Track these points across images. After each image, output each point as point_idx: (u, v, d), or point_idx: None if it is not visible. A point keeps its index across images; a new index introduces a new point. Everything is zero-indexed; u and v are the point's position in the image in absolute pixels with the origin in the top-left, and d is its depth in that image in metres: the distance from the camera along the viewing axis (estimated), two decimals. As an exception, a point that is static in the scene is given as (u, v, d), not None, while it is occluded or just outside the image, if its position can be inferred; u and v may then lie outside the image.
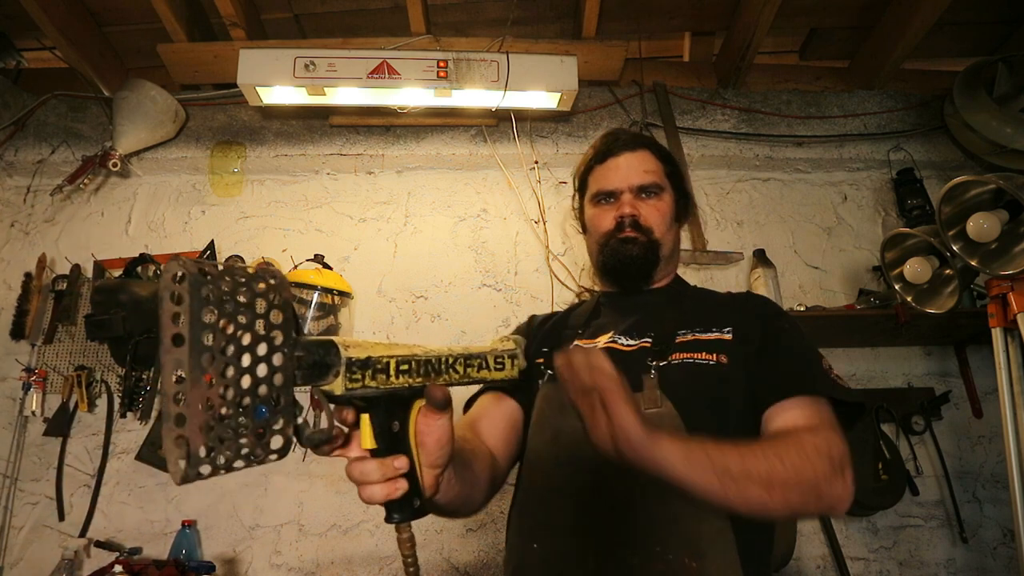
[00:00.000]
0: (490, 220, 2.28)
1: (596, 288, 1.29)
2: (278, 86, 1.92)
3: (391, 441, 0.66)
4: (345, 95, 2.00)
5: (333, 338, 0.61)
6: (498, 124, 2.27)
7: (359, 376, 0.61)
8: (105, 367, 2.04)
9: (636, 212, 1.13)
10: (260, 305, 0.54)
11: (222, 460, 0.50)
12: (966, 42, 2.43)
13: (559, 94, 2.00)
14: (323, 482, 1.97)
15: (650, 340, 1.04)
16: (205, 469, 0.49)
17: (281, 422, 0.54)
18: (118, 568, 1.70)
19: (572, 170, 1.29)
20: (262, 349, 0.53)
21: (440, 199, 2.30)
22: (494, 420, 1.08)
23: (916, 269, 1.77)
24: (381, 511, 0.69)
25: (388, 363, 0.64)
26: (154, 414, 2.00)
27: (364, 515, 1.94)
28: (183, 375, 0.49)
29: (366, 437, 0.66)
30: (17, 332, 2.05)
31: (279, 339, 0.54)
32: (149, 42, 2.12)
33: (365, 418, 0.66)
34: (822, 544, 1.94)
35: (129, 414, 1.99)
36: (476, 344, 0.76)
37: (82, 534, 1.90)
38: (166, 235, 2.23)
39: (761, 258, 2.11)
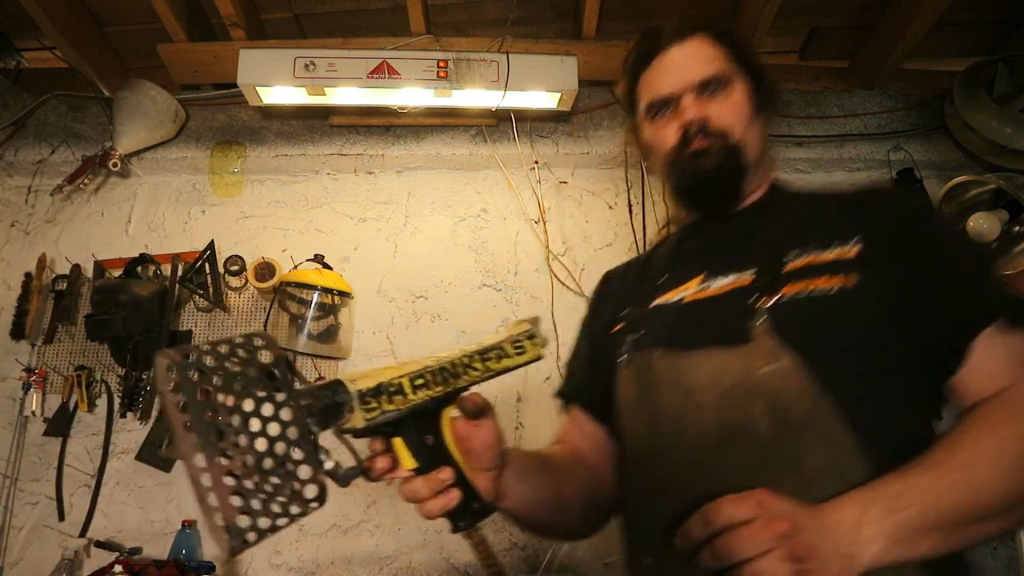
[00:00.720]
0: (490, 220, 2.28)
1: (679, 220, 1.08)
2: (278, 86, 1.92)
3: (430, 456, 0.67)
4: (345, 95, 1.99)
5: (340, 377, 0.62)
6: (498, 124, 2.27)
7: (374, 405, 0.62)
8: (105, 367, 2.04)
9: (703, 115, 0.90)
10: (253, 369, 0.55)
11: (265, 523, 0.52)
12: (966, 42, 2.42)
13: (559, 94, 2.00)
14: (323, 482, 1.97)
15: (752, 274, 0.82)
16: (251, 536, 0.51)
17: (309, 471, 0.56)
18: (118, 568, 1.70)
19: (618, 89, 1.06)
20: (267, 410, 0.54)
21: (440, 199, 2.30)
22: (586, 433, 0.96)
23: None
24: (380, 511, 0.70)
25: (400, 383, 0.64)
26: (154, 414, 2.00)
27: (364, 515, 1.94)
28: (202, 457, 0.50)
29: (405, 458, 0.67)
30: (17, 332, 2.05)
31: (281, 396, 0.56)
32: (149, 42, 2.12)
33: (398, 441, 0.67)
34: (822, 544, 1.94)
35: (129, 414, 1.99)
36: (488, 338, 0.75)
37: (82, 534, 1.90)
38: (166, 235, 2.23)
39: (761, 258, 2.11)
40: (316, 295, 1.98)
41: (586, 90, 2.30)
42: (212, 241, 2.12)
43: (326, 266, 2.03)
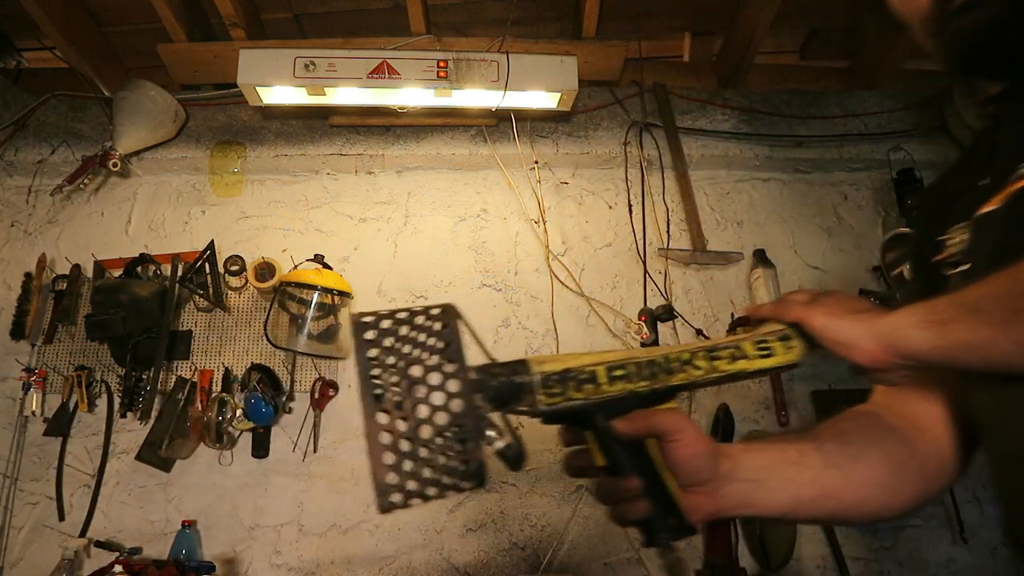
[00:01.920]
0: (490, 220, 2.28)
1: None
2: (278, 86, 1.92)
3: (621, 457, 0.60)
4: (345, 95, 1.99)
5: (527, 356, 0.59)
6: (498, 124, 2.27)
7: (558, 391, 0.58)
8: (105, 367, 2.04)
9: None
10: (423, 338, 0.55)
11: (413, 487, 0.52)
12: (966, 42, 2.42)
13: (559, 94, 2.00)
14: (323, 482, 1.97)
15: None
16: (397, 498, 0.51)
17: (469, 447, 0.53)
18: (118, 568, 1.70)
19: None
20: (435, 379, 0.54)
21: (440, 199, 2.30)
22: (908, 394, 0.79)
23: (916, 269, 1.77)
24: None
25: (594, 372, 0.59)
26: (154, 414, 2.00)
27: (364, 515, 1.94)
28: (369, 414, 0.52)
29: (595, 454, 0.61)
30: (17, 332, 2.05)
31: (450, 367, 0.54)
32: (149, 42, 2.12)
33: (589, 434, 0.61)
34: (822, 544, 1.94)
35: (129, 414, 1.99)
36: (728, 336, 0.65)
37: (82, 534, 1.90)
38: (166, 235, 2.23)
39: (761, 258, 2.11)
40: (316, 295, 1.98)
41: (586, 90, 2.30)
42: (212, 241, 2.12)
43: (326, 266, 2.03)
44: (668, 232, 2.24)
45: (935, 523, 1.98)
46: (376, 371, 0.53)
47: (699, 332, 2.11)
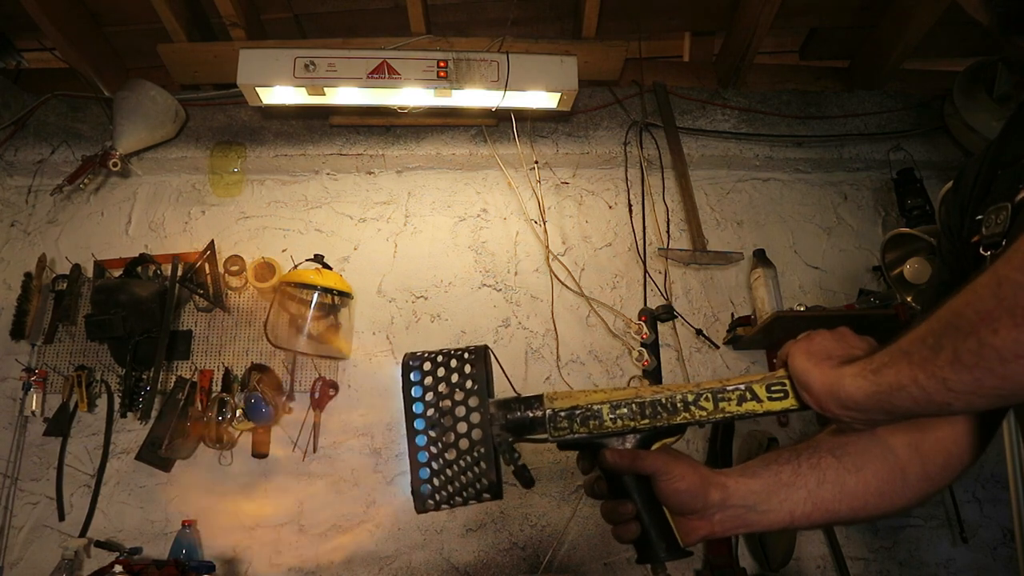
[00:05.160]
0: (490, 220, 2.28)
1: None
2: (278, 86, 1.92)
3: (617, 484, 0.68)
4: (345, 95, 2.00)
5: (544, 392, 0.68)
6: (498, 124, 2.27)
7: (564, 425, 0.67)
8: (105, 367, 2.04)
9: None
10: (456, 378, 0.66)
11: (442, 497, 0.65)
12: (966, 42, 2.42)
13: (559, 94, 2.00)
14: (323, 482, 1.97)
15: None
16: (430, 504, 0.65)
17: (483, 467, 0.65)
18: (118, 568, 1.70)
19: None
20: (461, 411, 0.65)
21: (440, 199, 2.30)
22: None
23: (916, 269, 1.78)
24: (380, 511, 0.74)
25: (599, 409, 0.67)
26: (154, 414, 2.00)
27: (364, 515, 1.94)
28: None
29: (602, 480, 0.70)
30: (17, 332, 2.05)
31: (474, 401, 0.66)
32: (149, 42, 2.12)
33: (598, 462, 0.70)
34: (822, 544, 1.94)
35: (129, 414, 1.99)
36: (741, 376, 0.68)
37: (82, 534, 1.90)
38: (166, 235, 2.23)
39: (761, 258, 2.11)
40: (316, 295, 1.98)
41: (586, 90, 2.30)
42: (212, 241, 2.12)
43: (326, 266, 2.03)
44: (668, 232, 2.24)
45: (935, 523, 1.98)
46: (417, 402, 0.65)
47: (699, 332, 2.11)
